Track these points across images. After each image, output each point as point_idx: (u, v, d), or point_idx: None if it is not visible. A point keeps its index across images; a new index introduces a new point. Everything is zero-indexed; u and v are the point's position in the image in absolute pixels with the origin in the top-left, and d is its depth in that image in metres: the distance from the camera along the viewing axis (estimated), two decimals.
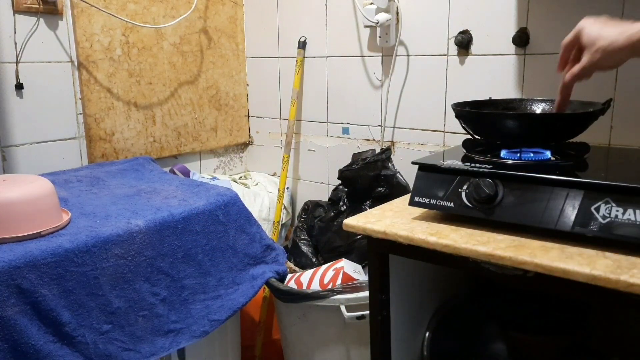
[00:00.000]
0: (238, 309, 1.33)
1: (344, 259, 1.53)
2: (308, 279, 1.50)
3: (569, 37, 0.95)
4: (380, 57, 1.70)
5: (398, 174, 1.63)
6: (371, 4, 1.63)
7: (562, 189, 0.89)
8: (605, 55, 0.88)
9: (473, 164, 1.00)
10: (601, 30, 0.88)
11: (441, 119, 1.59)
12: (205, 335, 1.26)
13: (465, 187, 0.98)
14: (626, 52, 0.86)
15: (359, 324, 1.35)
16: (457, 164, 1.02)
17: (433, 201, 1.01)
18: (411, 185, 1.17)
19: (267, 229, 1.84)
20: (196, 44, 1.89)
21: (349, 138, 1.82)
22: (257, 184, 2.01)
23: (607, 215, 0.83)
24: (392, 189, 1.63)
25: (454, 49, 1.52)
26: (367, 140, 1.78)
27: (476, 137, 1.18)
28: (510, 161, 1.02)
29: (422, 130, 1.64)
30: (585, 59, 0.91)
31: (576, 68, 0.94)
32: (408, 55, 1.63)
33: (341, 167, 1.70)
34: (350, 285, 1.40)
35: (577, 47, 0.94)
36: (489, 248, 0.88)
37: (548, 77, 1.37)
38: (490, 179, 0.95)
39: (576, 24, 0.93)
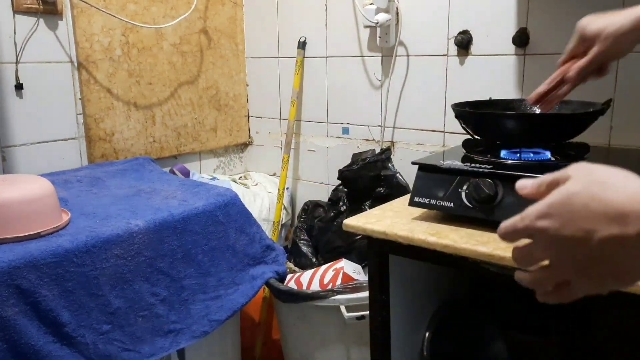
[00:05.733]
0: (238, 310, 1.33)
1: (343, 259, 1.53)
2: (308, 279, 1.50)
3: (572, 40, 0.91)
4: (380, 57, 1.70)
5: (398, 174, 1.63)
6: (371, 4, 1.63)
7: None
8: (615, 42, 0.83)
9: (473, 164, 1.00)
10: (606, 19, 0.84)
11: (441, 119, 1.59)
12: (205, 335, 1.26)
13: (465, 187, 0.98)
14: (636, 33, 0.82)
15: (359, 324, 1.35)
16: (457, 164, 1.02)
17: (433, 201, 1.01)
18: (411, 186, 1.17)
19: (267, 229, 1.84)
20: (196, 44, 1.89)
21: (348, 138, 1.82)
22: (257, 184, 2.01)
23: None
24: (392, 189, 1.63)
25: (453, 49, 1.52)
26: (367, 140, 1.78)
27: (476, 137, 1.18)
28: (510, 161, 1.02)
29: (422, 130, 1.64)
30: (595, 48, 0.86)
31: (584, 60, 0.89)
32: (408, 56, 1.63)
33: (341, 167, 1.70)
34: (350, 286, 1.40)
35: (583, 49, 0.90)
36: (489, 248, 0.88)
37: (548, 77, 1.37)
38: (490, 179, 0.95)
39: (576, 25, 0.92)
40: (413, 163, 1.07)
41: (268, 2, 1.95)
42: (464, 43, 1.48)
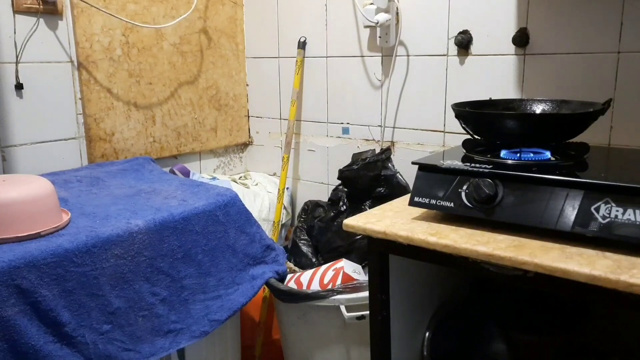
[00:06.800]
0: (238, 309, 1.33)
1: (344, 259, 1.53)
2: (308, 279, 1.50)
3: None
4: (380, 57, 1.69)
5: (398, 174, 1.63)
6: (371, 4, 1.63)
7: (562, 189, 0.89)
8: None
9: (473, 164, 1.00)
10: None
11: (441, 119, 1.59)
12: (205, 335, 1.26)
13: (465, 187, 0.98)
14: None
15: (359, 324, 1.35)
16: (457, 164, 1.02)
17: (433, 201, 1.01)
18: (411, 185, 1.17)
19: (267, 229, 1.84)
20: (196, 44, 1.89)
21: (349, 138, 1.82)
22: (257, 184, 2.01)
23: (607, 216, 0.83)
24: (392, 189, 1.63)
25: (454, 49, 1.52)
26: (367, 140, 1.78)
27: (476, 137, 1.18)
28: (510, 161, 1.02)
29: (422, 130, 1.64)
30: None
31: None
32: (408, 56, 1.63)
33: (341, 167, 1.70)
34: (350, 286, 1.40)
35: None
36: (489, 248, 0.88)
37: (548, 77, 1.37)
38: (490, 179, 0.95)
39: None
40: (413, 163, 1.07)
41: (268, 2, 1.95)
42: (464, 43, 1.48)
